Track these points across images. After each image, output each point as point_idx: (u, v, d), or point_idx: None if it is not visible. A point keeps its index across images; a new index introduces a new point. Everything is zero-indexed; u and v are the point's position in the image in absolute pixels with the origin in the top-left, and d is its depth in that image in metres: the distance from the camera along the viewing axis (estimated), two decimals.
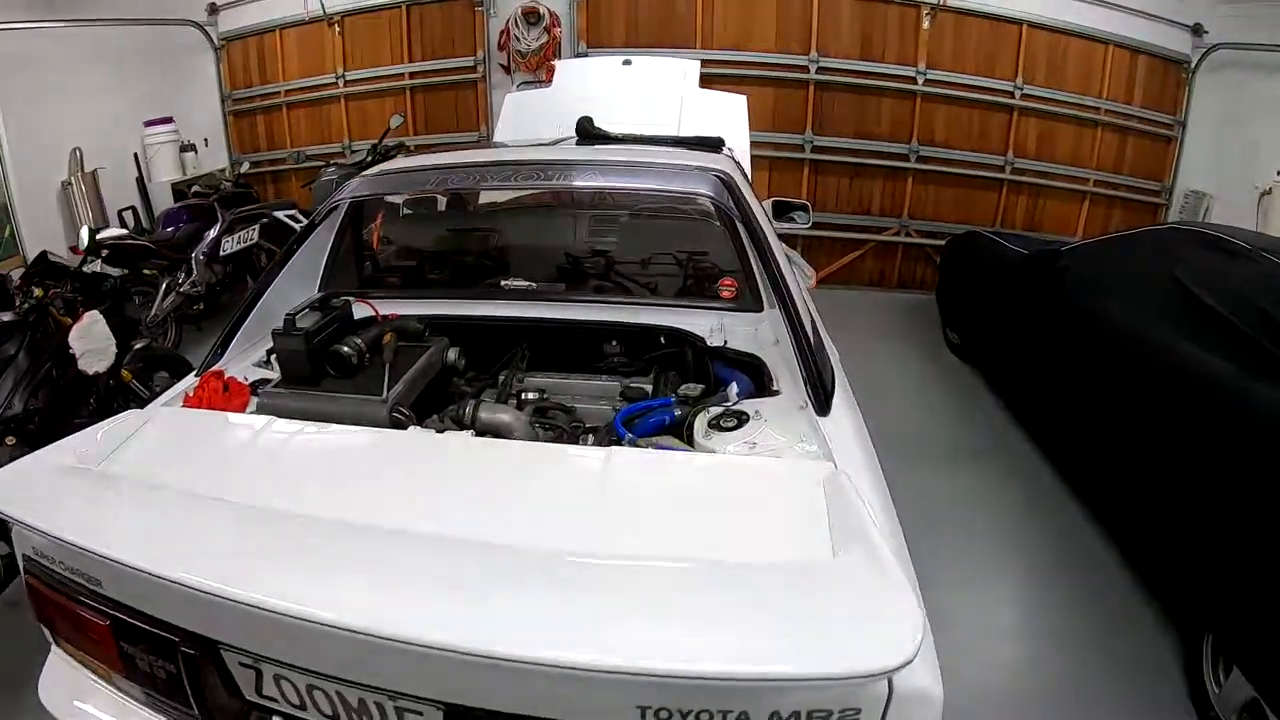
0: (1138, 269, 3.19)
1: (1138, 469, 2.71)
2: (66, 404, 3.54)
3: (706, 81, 5.24)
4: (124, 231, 5.57)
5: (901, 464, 3.51)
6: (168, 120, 6.79)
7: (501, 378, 2.33)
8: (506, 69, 6.28)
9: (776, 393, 1.90)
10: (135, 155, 6.71)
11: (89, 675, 1.52)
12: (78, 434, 1.73)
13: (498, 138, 4.31)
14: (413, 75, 6.74)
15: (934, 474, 3.46)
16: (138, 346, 4.00)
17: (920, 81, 5.69)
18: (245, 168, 6.91)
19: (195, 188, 6.30)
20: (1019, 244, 4.19)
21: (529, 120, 4.15)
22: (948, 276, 4.99)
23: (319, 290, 2.55)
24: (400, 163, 3.00)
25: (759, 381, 2.00)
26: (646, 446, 1.75)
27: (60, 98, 6.02)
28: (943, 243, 5.42)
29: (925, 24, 5.59)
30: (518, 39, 6.11)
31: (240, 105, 7.50)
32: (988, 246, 4.47)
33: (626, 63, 4.59)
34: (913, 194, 5.97)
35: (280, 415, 1.78)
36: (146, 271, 5.06)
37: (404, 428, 1.81)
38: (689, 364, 2.28)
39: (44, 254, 4.06)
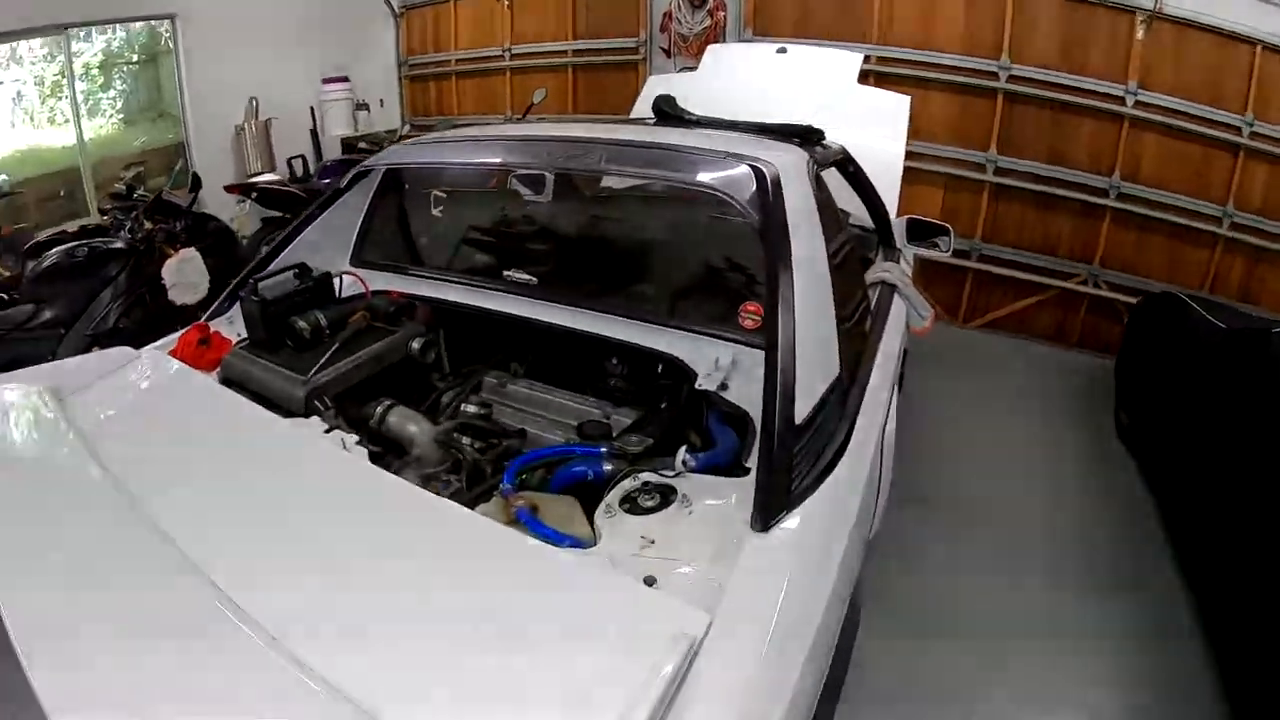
0: None
1: None
2: (155, 328, 3.70)
3: (882, 81, 4.82)
4: (276, 177, 5.93)
5: (995, 576, 2.75)
6: (344, 79, 7.17)
7: (471, 379, 2.22)
8: (668, 52, 5.95)
9: (747, 471, 1.46)
10: (311, 109, 7.11)
11: None
12: (76, 358, 2.09)
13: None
14: (575, 53, 6.59)
15: (1038, 599, 2.68)
16: None
17: (1129, 103, 4.58)
18: (406, 129, 7.13)
19: (361, 144, 6.62)
20: (1222, 316, 3.19)
21: None
22: (1131, 343, 3.98)
23: (350, 256, 2.57)
24: (431, 135, 2.80)
25: (744, 448, 1.57)
26: (516, 505, 1.41)
27: (242, 51, 6.47)
28: (1135, 301, 4.38)
29: (1139, 34, 4.48)
30: (680, 21, 5.75)
31: (414, 71, 7.77)
32: (1181, 313, 3.45)
33: (781, 51, 4.17)
34: (1108, 237, 4.86)
35: (232, 376, 1.96)
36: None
37: (316, 413, 1.79)
38: (681, 405, 1.87)
39: (160, 193, 4.33)
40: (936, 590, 2.65)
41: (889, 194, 3.28)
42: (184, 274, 3.82)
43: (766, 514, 1.29)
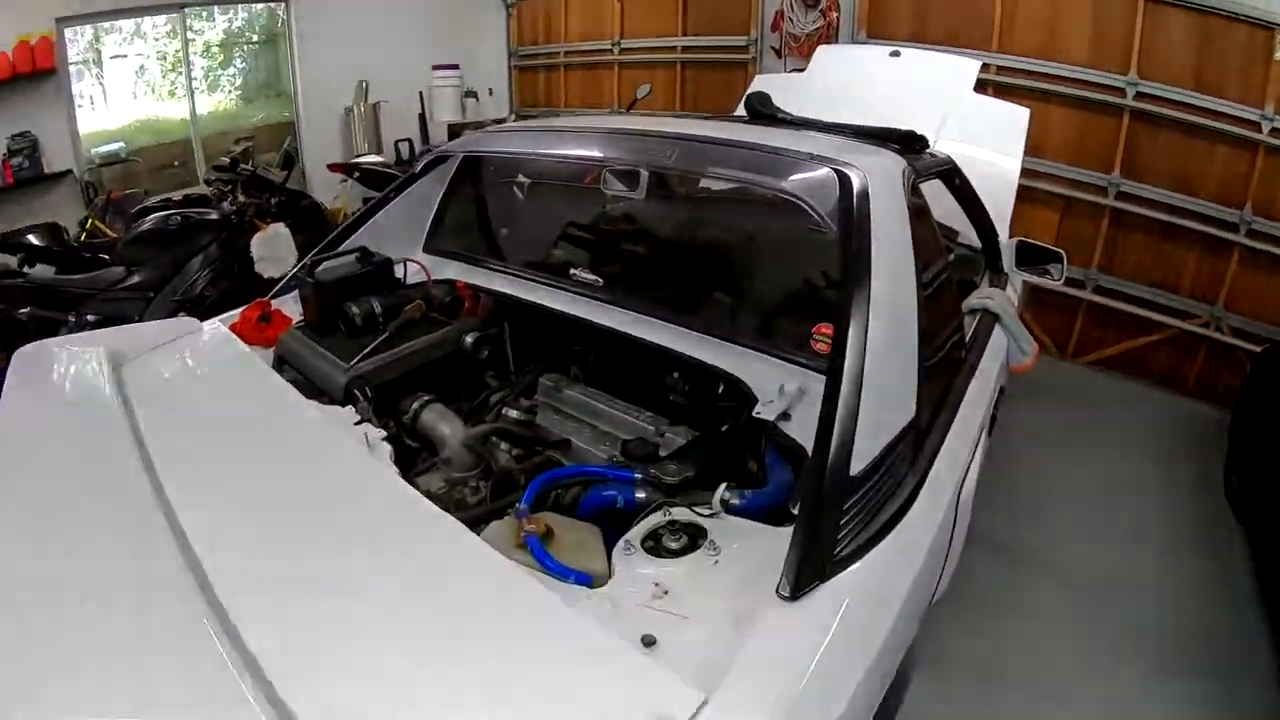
0: None
1: None
2: (241, 299, 3.90)
3: (1001, 92, 4.57)
4: (379, 158, 6.17)
5: (1064, 641, 2.50)
6: (454, 67, 7.34)
7: (522, 380, 2.15)
8: (778, 52, 5.79)
9: (795, 518, 1.26)
10: (420, 94, 7.31)
11: None
12: (142, 324, 2.27)
13: None
14: (684, 50, 6.53)
15: (1109, 675, 2.41)
16: None
17: (1265, 130, 4.08)
18: (511, 119, 7.25)
19: (467, 131, 6.78)
20: None
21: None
22: (1250, 397, 3.53)
23: (424, 243, 2.61)
24: (511, 124, 2.79)
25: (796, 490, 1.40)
26: (526, 529, 1.29)
27: (354, 35, 6.76)
28: (1259, 350, 3.81)
29: (1277, 53, 4.00)
30: (792, 20, 5.59)
31: (524, 61, 7.89)
32: None
33: (895, 54, 4.03)
34: (1235, 277, 4.36)
35: (285, 356, 2.00)
36: None
37: (354, 402, 1.78)
38: (737, 433, 1.73)
39: (256, 169, 4.53)
40: (997, 652, 2.44)
41: (1001, 213, 3.07)
42: (272, 248, 3.97)
43: (799, 581, 1.11)
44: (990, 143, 3.46)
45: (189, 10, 6.22)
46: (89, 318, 3.67)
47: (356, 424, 1.67)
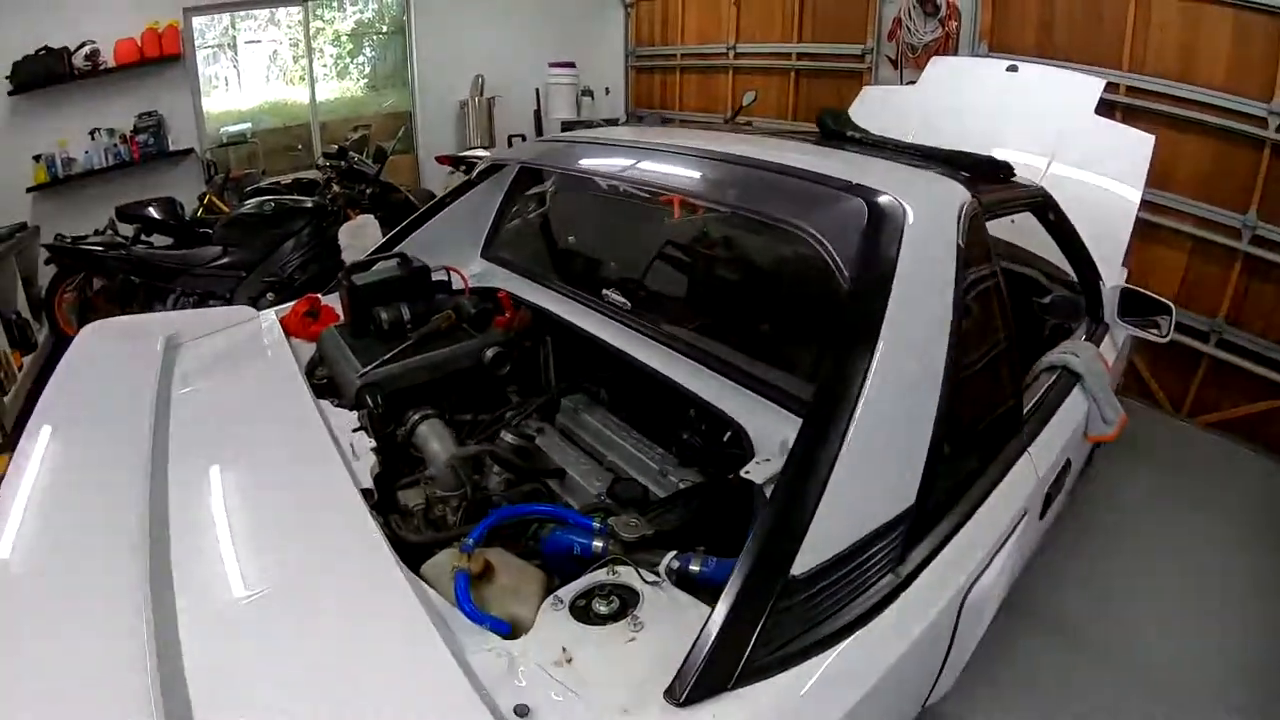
0: None
1: None
2: (327, 283, 4.20)
3: (1131, 115, 4.24)
4: (484, 154, 6.42)
5: None
6: (570, 65, 7.48)
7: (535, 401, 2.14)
8: (894, 63, 5.58)
9: None
10: (536, 90, 7.52)
11: None
12: (206, 310, 2.53)
13: None
14: (799, 57, 6.41)
15: None
16: None
17: None
18: (622, 120, 7.38)
19: (580, 129, 6.99)
20: None
21: (880, 120, 3.68)
22: None
23: (481, 249, 2.70)
24: (567, 134, 2.85)
25: None
26: (457, 566, 1.24)
27: (472, 32, 7.00)
28: None
29: None
30: (909, 30, 5.35)
31: (641, 62, 7.94)
32: None
33: (1012, 69, 3.86)
34: None
35: (321, 352, 2.08)
36: None
37: (366, 407, 1.79)
38: (723, 491, 1.56)
39: (352, 161, 4.85)
40: None
41: (1115, 249, 2.85)
42: (359, 237, 4.17)
43: (692, 685, 0.97)
44: (1109, 171, 3.25)
45: (316, 0, 6.68)
46: (186, 291, 4.05)
47: (355, 430, 1.71)
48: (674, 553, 1.25)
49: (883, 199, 1.52)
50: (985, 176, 1.91)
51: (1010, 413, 1.75)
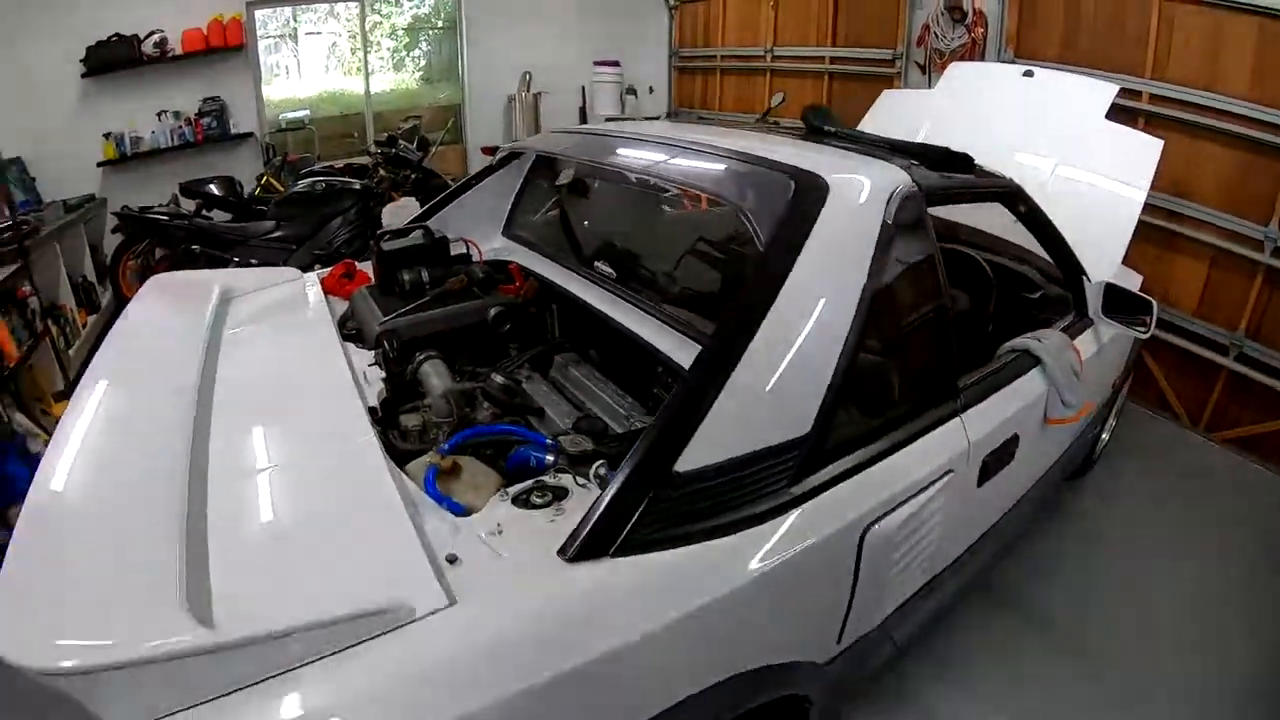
0: None
1: None
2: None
3: (1154, 123, 4.23)
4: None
5: None
6: (615, 64, 7.72)
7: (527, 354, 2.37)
8: (923, 68, 5.66)
9: None
10: (582, 88, 7.77)
11: None
12: (258, 269, 2.82)
13: None
14: (832, 60, 6.50)
15: None
16: None
17: None
18: (661, 118, 7.59)
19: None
20: None
21: (896, 122, 3.80)
22: None
23: (502, 227, 3.03)
24: (577, 126, 3.13)
25: None
26: (432, 462, 1.51)
27: (521, 30, 7.29)
28: None
29: None
30: (937, 35, 5.43)
31: (684, 62, 8.10)
32: None
33: (1028, 74, 3.92)
34: None
35: (353, 306, 2.39)
36: None
37: (380, 347, 2.09)
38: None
39: (398, 149, 5.14)
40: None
41: (1115, 248, 2.94)
42: (399, 218, 4.37)
43: (572, 544, 1.21)
44: (1116, 173, 3.32)
45: None
46: (240, 261, 4.39)
47: (370, 365, 2.06)
48: (603, 461, 1.49)
49: (809, 177, 1.71)
50: (942, 166, 2.02)
51: (939, 377, 1.88)
